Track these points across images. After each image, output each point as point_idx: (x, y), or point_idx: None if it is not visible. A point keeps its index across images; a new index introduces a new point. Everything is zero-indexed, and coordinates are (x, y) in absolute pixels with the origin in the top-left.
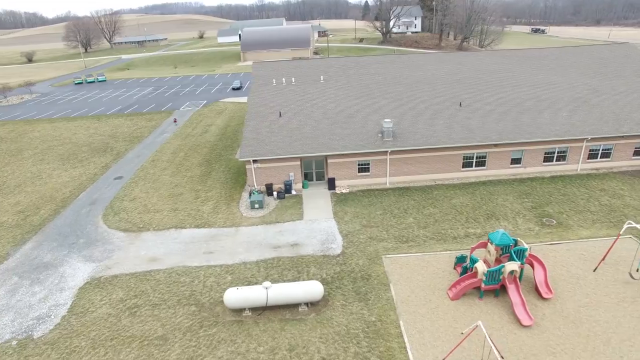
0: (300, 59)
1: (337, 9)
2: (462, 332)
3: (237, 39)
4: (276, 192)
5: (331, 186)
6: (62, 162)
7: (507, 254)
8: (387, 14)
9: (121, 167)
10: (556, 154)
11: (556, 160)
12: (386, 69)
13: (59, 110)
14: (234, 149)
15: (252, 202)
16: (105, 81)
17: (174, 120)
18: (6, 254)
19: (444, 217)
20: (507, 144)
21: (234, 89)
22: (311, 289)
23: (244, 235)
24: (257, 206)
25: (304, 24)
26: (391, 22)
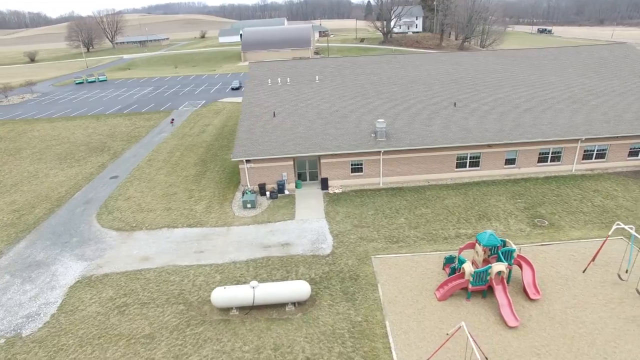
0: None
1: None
2: (447, 333)
3: (238, 39)
4: (269, 192)
5: (324, 186)
6: (60, 162)
7: (495, 255)
8: (388, 13)
9: (117, 166)
10: (550, 155)
11: (551, 160)
12: (382, 69)
13: (59, 109)
14: (230, 148)
15: (244, 202)
16: (106, 81)
17: (171, 121)
18: None
19: (435, 217)
20: (501, 144)
21: (233, 89)
22: (298, 288)
23: (235, 234)
24: (249, 206)
25: (304, 24)
26: (392, 22)
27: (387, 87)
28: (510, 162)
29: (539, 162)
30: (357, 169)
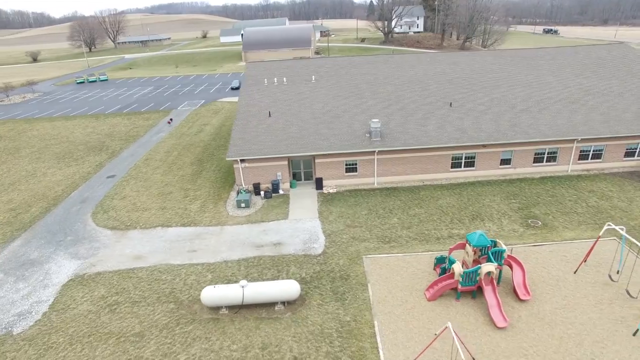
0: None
1: (342, 8)
2: (435, 333)
3: (239, 39)
4: (263, 192)
5: (319, 186)
6: (58, 161)
7: (485, 255)
8: (389, 13)
9: (115, 165)
10: (546, 155)
11: (546, 161)
12: (378, 68)
13: (59, 109)
14: (226, 148)
15: (238, 201)
16: (107, 80)
17: (168, 121)
18: None
19: (428, 217)
20: (497, 145)
21: (232, 88)
22: (287, 288)
23: (229, 234)
24: (243, 205)
25: (305, 24)
26: (393, 22)
27: (383, 87)
28: (505, 162)
29: (534, 162)
30: (351, 169)
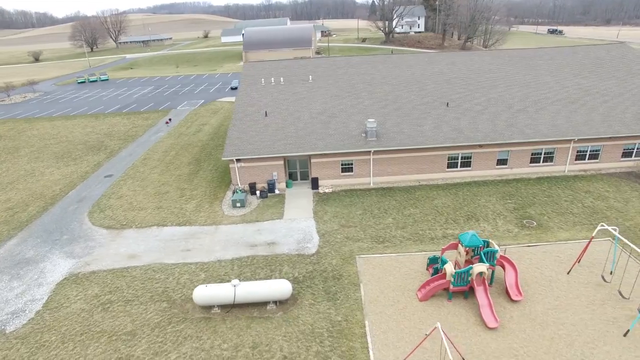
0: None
1: (343, 8)
2: (425, 333)
3: (240, 39)
4: (259, 191)
5: (314, 186)
6: (56, 160)
7: (478, 256)
8: (390, 13)
9: (113, 165)
10: (543, 155)
11: (543, 161)
12: (376, 68)
13: (59, 108)
14: (224, 148)
15: (233, 201)
16: (107, 80)
17: (167, 121)
18: None
19: (423, 217)
20: (493, 145)
21: (232, 88)
22: (279, 287)
23: (223, 233)
24: (238, 205)
25: (305, 24)
26: (394, 22)
27: (380, 87)
28: (502, 162)
29: (531, 162)
30: (347, 168)
